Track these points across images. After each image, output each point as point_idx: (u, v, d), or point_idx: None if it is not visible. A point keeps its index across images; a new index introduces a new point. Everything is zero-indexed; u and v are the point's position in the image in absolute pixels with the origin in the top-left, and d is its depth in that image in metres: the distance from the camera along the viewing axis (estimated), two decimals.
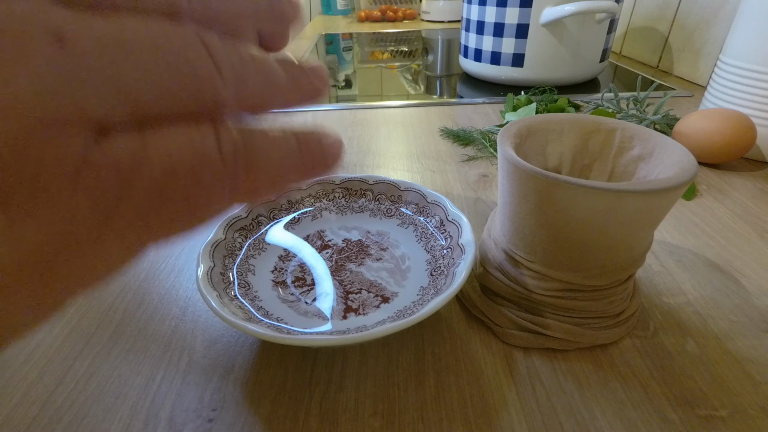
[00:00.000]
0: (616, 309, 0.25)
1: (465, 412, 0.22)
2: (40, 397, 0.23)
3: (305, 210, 0.34)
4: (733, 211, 0.37)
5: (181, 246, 0.35)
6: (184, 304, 0.29)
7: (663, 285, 0.30)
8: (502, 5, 0.64)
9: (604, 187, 0.20)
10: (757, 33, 0.42)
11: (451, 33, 1.22)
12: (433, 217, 0.31)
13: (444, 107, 0.65)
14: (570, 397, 0.23)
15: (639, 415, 0.22)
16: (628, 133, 0.26)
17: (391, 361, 0.25)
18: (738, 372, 0.24)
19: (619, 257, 0.23)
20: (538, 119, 0.27)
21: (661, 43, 0.78)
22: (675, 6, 0.73)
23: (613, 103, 0.53)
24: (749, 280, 0.30)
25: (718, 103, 0.47)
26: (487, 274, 0.28)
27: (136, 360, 0.25)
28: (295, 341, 0.20)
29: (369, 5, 1.64)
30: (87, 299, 0.30)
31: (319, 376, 0.24)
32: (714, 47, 0.66)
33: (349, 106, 0.66)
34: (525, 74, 0.67)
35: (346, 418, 0.22)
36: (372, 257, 0.30)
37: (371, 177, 0.34)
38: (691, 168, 0.21)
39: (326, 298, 0.27)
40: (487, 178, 0.44)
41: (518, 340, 0.25)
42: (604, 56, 0.68)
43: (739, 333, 0.26)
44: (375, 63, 0.93)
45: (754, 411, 0.22)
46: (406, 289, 0.27)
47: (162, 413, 0.22)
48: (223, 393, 0.23)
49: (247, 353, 0.26)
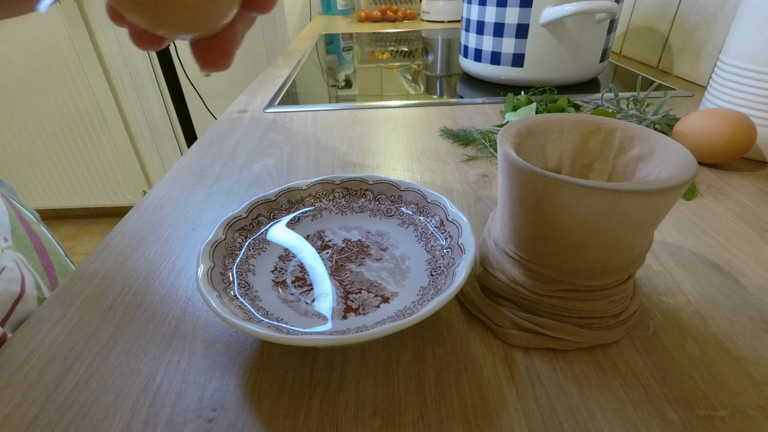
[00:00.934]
0: (616, 309, 0.25)
1: (465, 412, 0.22)
2: (40, 397, 0.23)
3: (305, 210, 0.34)
4: (733, 211, 0.37)
5: (181, 246, 0.35)
6: (184, 304, 0.29)
7: (663, 285, 0.30)
8: (502, 5, 0.64)
9: (604, 187, 0.20)
10: (757, 33, 0.42)
11: (451, 33, 1.22)
12: (433, 217, 0.31)
13: (444, 107, 0.65)
14: (570, 397, 0.23)
15: (639, 415, 0.22)
16: (628, 133, 0.26)
17: (391, 361, 0.25)
18: (738, 372, 0.24)
19: (619, 257, 0.23)
20: (538, 119, 0.27)
21: (661, 43, 0.78)
22: (675, 6, 0.73)
23: (613, 103, 0.53)
24: (749, 280, 0.30)
25: (718, 103, 0.47)
26: (487, 274, 0.28)
27: (136, 360, 0.25)
28: (295, 341, 0.20)
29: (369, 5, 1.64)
30: (87, 299, 0.30)
31: (319, 376, 0.24)
32: (714, 47, 0.66)
33: (349, 106, 0.66)
34: (525, 74, 0.67)
35: (346, 418, 0.22)
36: (372, 257, 0.30)
37: (371, 177, 0.34)
38: (691, 168, 0.21)
39: (326, 298, 0.27)
40: (487, 178, 0.44)
41: (518, 340, 0.25)
42: (604, 56, 0.68)
43: (739, 333, 0.26)
44: (375, 63, 0.93)
45: (754, 411, 0.22)
46: (406, 289, 0.27)
47: (162, 413, 0.22)
48: (223, 393, 0.23)
49: (247, 353, 0.26)
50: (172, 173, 0.47)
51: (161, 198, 0.42)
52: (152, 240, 0.36)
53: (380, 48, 1.07)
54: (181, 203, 0.41)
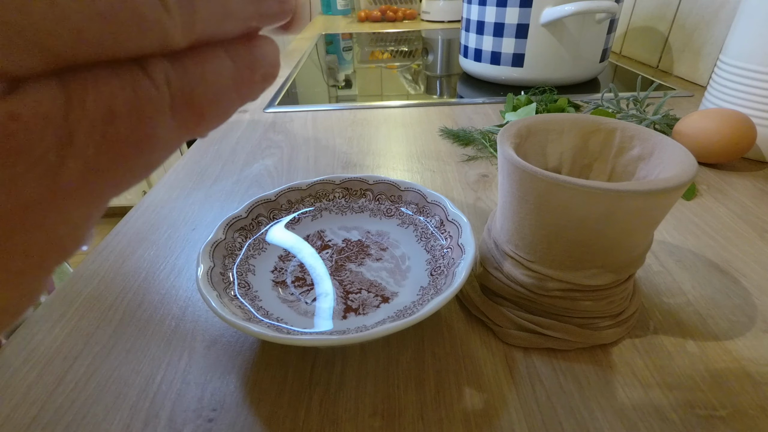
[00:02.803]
0: (616, 309, 0.25)
1: (465, 412, 0.22)
2: (40, 397, 0.23)
3: (305, 210, 0.34)
4: (733, 211, 0.37)
5: (181, 246, 0.35)
6: (184, 304, 0.29)
7: (663, 285, 0.30)
8: (502, 5, 0.64)
9: (603, 187, 0.20)
10: (757, 33, 0.42)
11: (451, 33, 1.22)
12: (433, 217, 0.31)
13: (444, 107, 0.65)
14: (570, 397, 0.23)
15: (639, 415, 0.22)
16: (628, 133, 0.26)
17: (391, 361, 0.25)
18: (738, 372, 0.24)
19: (619, 257, 0.23)
20: (538, 119, 0.27)
21: (661, 43, 0.78)
22: (675, 6, 0.73)
23: (613, 103, 0.53)
24: (749, 280, 0.30)
25: (718, 103, 0.47)
26: (487, 274, 0.28)
27: (136, 360, 0.25)
28: (295, 341, 0.20)
29: (369, 5, 1.64)
30: (87, 299, 0.30)
31: (319, 376, 0.24)
32: (714, 47, 0.66)
33: (349, 106, 0.66)
34: (525, 74, 0.67)
35: (346, 418, 0.22)
36: (372, 257, 0.30)
37: (371, 177, 0.34)
38: (691, 168, 0.21)
39: (326, 298, 0.27)
40: (487, 178, 0.44)
41: (518, 340, 0.25)
42: (604, 56, 0.68)
43: (739, 333, 0.26)
44: (375, 63, 0.93)
45: (754, 411, 0.22)
46: (406, 289, 0.27)
47: (162, 413, 0.22)
48: (223, 393, 0.23)
49: (247, 353, 0.26)
50: (172, 173, 0.47)
51: (161, 198, 0.42)
52: (152, 240, 0.36)
53: (380, 48, 1.07)
54: (180, 203, 0.41)
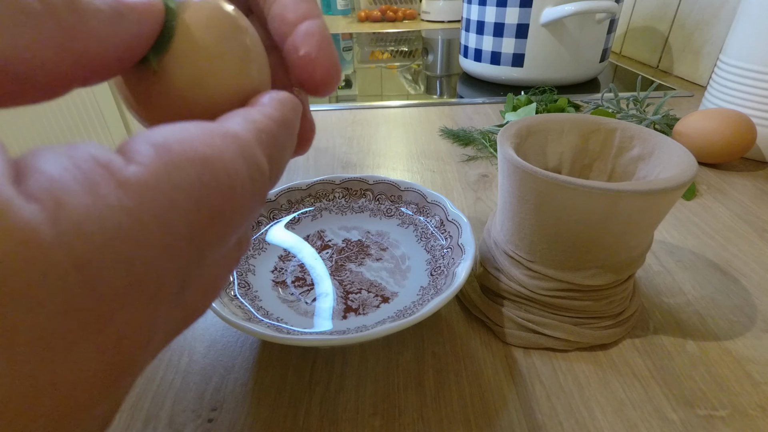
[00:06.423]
0: (616, 309, 0.25)
1: (465, 412, 0.22)
2: None
3: (305, 210, 0.34)
4: (733, 211, 0.37)
5: None
6: None
7: (663, 285, 0.30)
8: (502, 5, 0.64)
9: (603, 187, 0.20)
10: (757, 33, 0.42)
11: (451, 33, 1.22)
12: (433, 217, 0.31)
13: (444, 107, 0.65)
14: (570, 397, 0.23)
15: (639, 415, 0.22)
16: (628, 133, 0.26)
17: (391, 361, 0.25)
18: (738, 372, 0.24)
19: (619, 257, 0.23)
20: (538, 119, 0.27)
21: (661, 43, 0.78)
22: (675, 6, 0.73)
23: (613, 103, 0.53)
24: (749, 280, 0.30)
25: (718, 103, 0.47)
26: (487, 274, 0.28)
27: None
28: (295, 341, 0.20)
29: (369, 5, 1.64)
30: None
31: (319, 376, 0.24)
32: (714, 47, 0.66)
33: (349, 106, 0.66)
34: (525, 74, 0.67)
35: (346, 418, 0.22)
36: (372, 257, 0.30)
37: (371, 177, 0.34)
38: (691, 168, 0.21)
39: (326, 298, 0.27)
40: (487, 178, 0.44)
41: (518, 340, 0.25)
42: (604, 56, 0.68)
43: (739, 333, 0.26)
44: (375, 63, 0.93)
45: (754, 411, 0.22)
46: (406, 289, 0.27)
47: (162, 413, 0.22)
48: (223, 393, 0.23)
49: (247, 353, 0.26)
50: None
51: None
52: None
53: (380, 48, 1.07)
54: None
